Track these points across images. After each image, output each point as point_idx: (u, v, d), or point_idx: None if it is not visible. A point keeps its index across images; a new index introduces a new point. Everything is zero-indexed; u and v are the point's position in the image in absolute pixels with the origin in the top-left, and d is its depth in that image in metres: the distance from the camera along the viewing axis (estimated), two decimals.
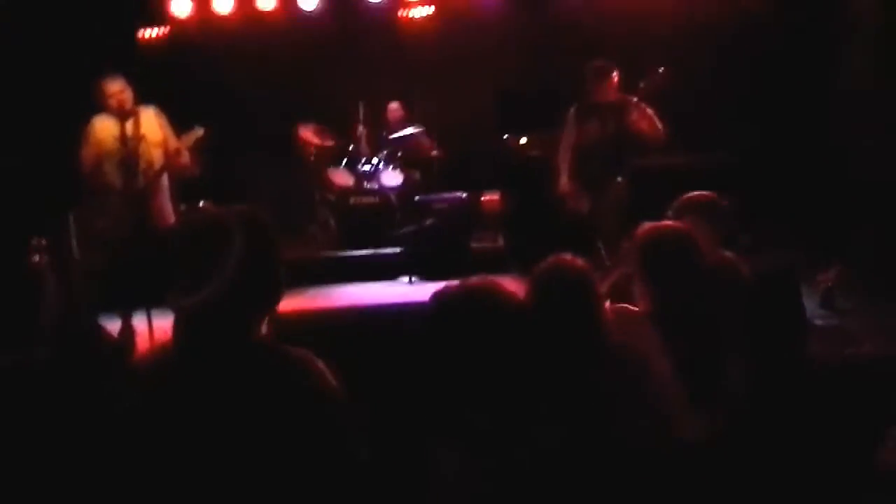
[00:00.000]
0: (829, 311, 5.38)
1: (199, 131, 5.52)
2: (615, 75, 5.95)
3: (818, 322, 5.03)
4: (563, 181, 6.16)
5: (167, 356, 1.94)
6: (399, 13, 8.82)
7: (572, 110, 6.15)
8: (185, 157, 5.52)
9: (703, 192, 3.34)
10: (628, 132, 5.83)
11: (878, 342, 4.54)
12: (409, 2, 8.62)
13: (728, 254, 3.12)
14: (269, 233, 1.92)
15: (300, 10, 8.41)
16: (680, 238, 2.85)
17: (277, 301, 1.96)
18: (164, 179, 5.63)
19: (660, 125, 5.82)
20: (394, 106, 8.64)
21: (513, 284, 2.37)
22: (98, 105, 5.43)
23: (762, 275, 3.09)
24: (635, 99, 5.77)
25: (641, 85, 5.78)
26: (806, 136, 7.34)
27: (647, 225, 2.92)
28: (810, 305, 4.82)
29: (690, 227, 2.94)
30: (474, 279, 2.21)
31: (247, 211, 1.92)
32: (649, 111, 5.81)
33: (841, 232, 6.41)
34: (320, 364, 1.90)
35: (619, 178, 5.94)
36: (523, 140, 7.96)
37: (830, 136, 7.26)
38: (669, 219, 3.18)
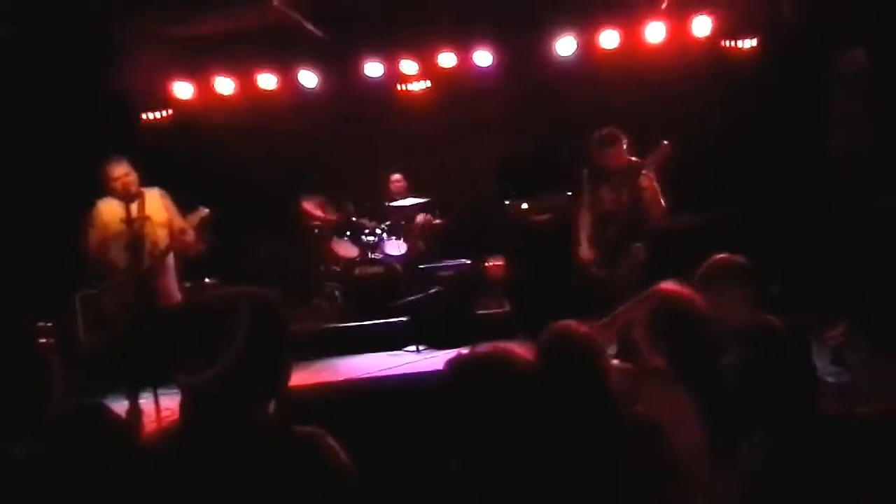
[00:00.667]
0: (839, 367, 5.34)
1: (203, 211, 5.59)
2: (624, 142, 5.91)
3: (829, 379, 4.98)
4: (584, 248, 6.11)
5: (173, 437, 1.93)
6: (397, 87, 8.98)
7: (585, 173, 6.12)
8: (190, 236, 5.57)
9: (728, 256, 3.27)
10: (642, 197, 5.79)
11: (888, 398, 4.49)
12: (407, 76, 8.79)
13: (769, 316, 3.04)
14: (278, 314, 1.94)
15: (301, 88, 8.57)
16: (694, 306, 2.84)
17: (285, 382, 1.96)
18: (170, 259, 5.67)
19: (661, 202, 5.79)
20: (396, 177, 8.74)
21: (520, 350, 2.34)
22: (103, 188, 5.50)
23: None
24: (644, 172, 5.72)
25: (649, 158, 5.74)
26: (805, 195, 7.40)
27: (656, 291, 2.91)
28: (819, 363, 4.78)
29: (703, 294, 2.91)
30: (485, 345, 2.20)
31: (257, 292, 1.94)
32: (655, 185, 5.76)
33: (846, 289, 6.40)
34: (330, 441, 1.89)
35: (637, 244, 5.91)
36: (524, 205, 8.02)
37: (827, 194, 7.32)
38: (696, 285, 3.14)
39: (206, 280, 7.78)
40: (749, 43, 8.11)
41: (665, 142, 5.71)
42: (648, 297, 2.90)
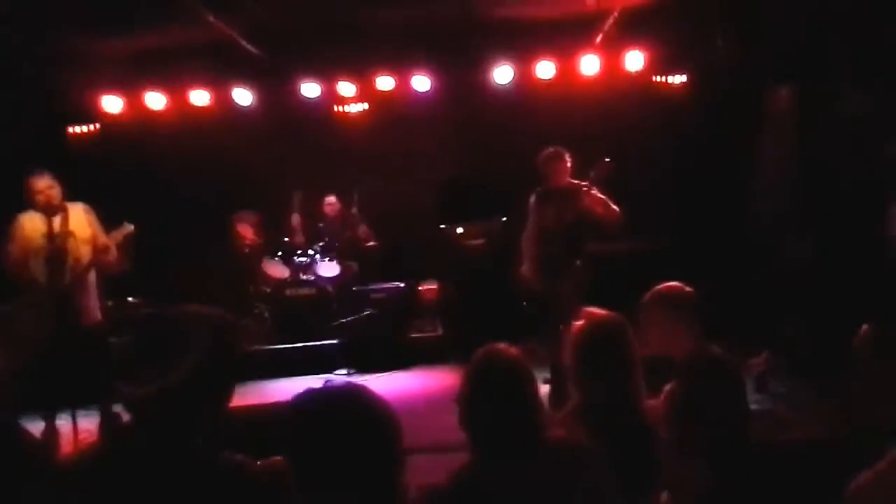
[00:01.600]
0: (763, 395, 5.49)
1: (128, 227, 5.45)
2: (567, 159, 6.10)
3: (754, 406, 5.08)
4: (525, 267, 6.22)
5: (91, 458, 1.86)
6: (335, 108, 8.95)
7: (533, 197, 6.26)
8: (113, 254, 5.42)
9: (674, 285, 3.22)
10: (585, 217, 5.95)
11: (809, 426, 4.62)
12: (344, 98, 8.77)
13: (716, 348, 3.04)
14: (234, 340, 1.91)
15: (235, 106, 8.47)
16: (614, 330, 2.85)
17: (224, 408, 1.92)
18: (91, 276, 5.49)
19: (615, 207, 5.96)
20: (330, 199, 8.68)
21: (452, 374, 2.33)
22: (26, 201, 5.32)
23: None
24: (585, 185, 5.91)
25: (592, 174, 5.92)
26: (730, 225, 7.62)
27: (583, 315, 2.93)
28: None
29: (626, 320, 2.93)
30: (339, 382, 2.07)
31: (218, 314, 1.90)
32: (601, 196, 5.94)
33: (766, 319, 6.59)
34: (258, 470, 1.85)
35: (578, 262, 6.04)
36: (460, 230, 8.06)
37: (753, 228, 7.56)
38: (641, 312, 3.16)
39: (130, 299, 7.58)
40: (679, 79, 8.36)
41: (607, 159, 5.86)
42: (577, 327, 2.92)
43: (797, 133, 7.14)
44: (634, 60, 8.12)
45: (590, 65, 8.16)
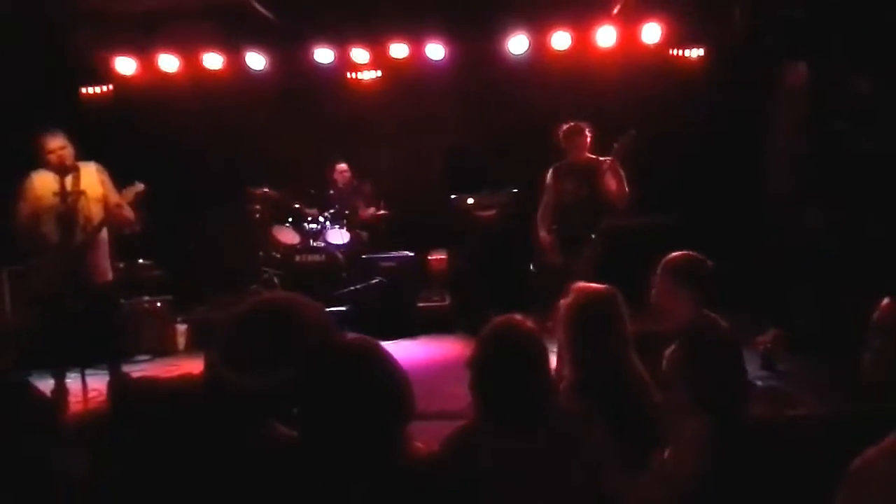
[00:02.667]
0: (768, 372, 5.48)
1: (139, 187, 5.44)
2: (588, 134, 6.09)
3: (759, 383, 5.11)
4: (542, 234, 6.25)
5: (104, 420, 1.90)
6: (347, 75, 8.91)
7: (551, 171, 6.27)
8: (127, 211, 5.42)
9: (684, 254, 3.26)
10: (601, 192, 5.96)
11: (814, 403, 4.62)
12: (358, 65, 8.72)
13: (712, 315, 3.11)
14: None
15: (248, 70, 8.43)
16: (602, 302, 2.88)
17: None
18: (103, 236, 5.51)
19: (626, 188, 5.96)
20: (341, 166, 8.66)
21: (459, 343, 2.34)
22: (38, 160, 5.33)
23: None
24: (609, 159, 5.91)
25: (616, 145, 5.92)
26: (743, 203, 7.58)
27: (573, 288, 2.95)
28: (750, 367, 4.90)
29: (616, 291, 2.97)
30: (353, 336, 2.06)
31: (322, 315, 1.97)
32: (621, 172, 5.95)
33: (776, 295, 6.57)
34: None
35: (593, 237, 6.05)
36: (470, 200, 8.04)
37: (767, 202, 7.51)
38: (653, 279, 3.23)
39: (140, 261, 7.62)
40: (696, 52, 8.27)
41: (632, 130, 5.85)
42: (567, 300, 2.94)
43: (811, 108, 7.07)
44: (651, 33, 8.03)
45: (606, 36, 8.07)
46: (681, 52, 8.28)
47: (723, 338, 3.04)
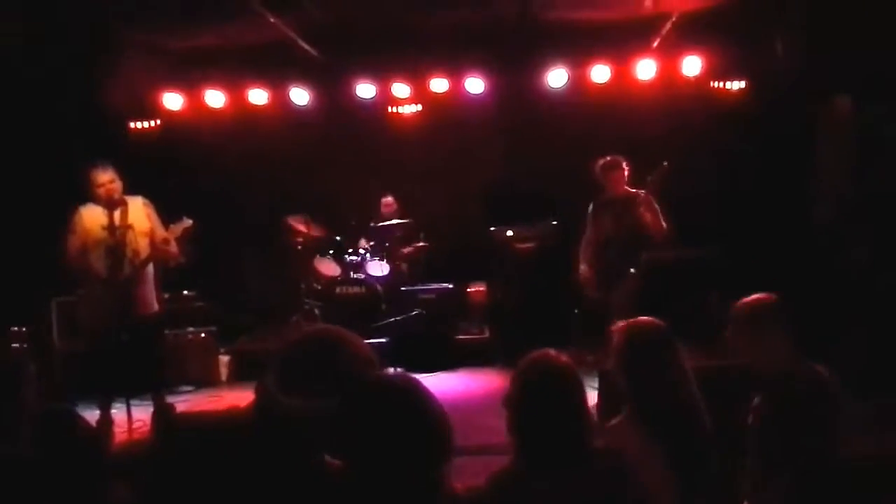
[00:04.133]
0: None
1: (187, 222, 5.54)
2: (625, 168, 6.09)
3: None
4: (583, 269, 6.29)
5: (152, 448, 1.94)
6: (388, 110, 9.02)
7: (591, 207, 6.29)
8: (173, 246, 5.52)
9: (766, 296, 3.08)
10: (640, 226, 5.96)
11: (861, 443, 4.49)
12: (398, 99, 8.83)
13: (814, 364, 2.95)
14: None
15: (292, 105, 8.58)
16: (658, 333, 2.84)
17: None
18: (149, 269, 5.61)
19: (663, 222, 5.95)
20: (387, 199, 8.73)
21: (498, 376, 2.33)
22: (87, 194, 5.46)
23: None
24: (643, 192, 5.90)
25: (649, 179, 5.92)
26: (787, 236, 7.47)
27: (623, 324, 2.91)
28: None
29: (669, 325, 2.91)
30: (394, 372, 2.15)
31: (365, 348, 2.00)
32: (655, 206, 5.94)
33: (822, 332, 6.43)
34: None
35: (633, 270, 6.03)
36: (509, 232, 8.05)
37: (811, 237, 7.39)
38: (733, 326, 3.04)
39: (185, 292, 7.74)
40: (738, 85, 8.22)
41: (665, 163, 5.84)
42: (619, 332, 2.90)
43: (855, 143, 6.98)
44: (692, 65, 8.01)
45: (646, 69, 8.07)
46: (722, 85, 8.24)
47: (821, 391, 2.87)
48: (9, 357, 5.73)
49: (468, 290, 8.28)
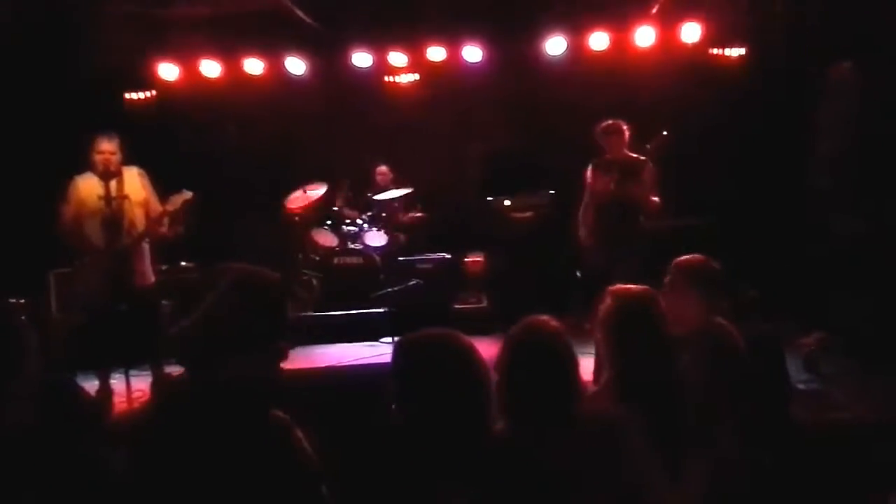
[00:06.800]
0: (812, 375, 5.39)
1: (187, 194, 5.52)
2: (625, 132, 6.07)
3: (801, 386, 5.03)
4: (583, 234, 6.24)
5: (145, 415, 1.97)
6: (385, 79, 8.95)
7: (590, 167, 6.24)
8: (164, 225, 5.52)
9: (695, 257, 3.27)
10: (641, 193, 5.94)
11: (860, 408, 4.53)
12: (396, 68, 8.76)
13: (721, 320, 3.09)
14: (261, 287, 2.04)
15: (288, 75, 8.52)
16: (641, 303, 2.85)
17: (273, 361, 1.98)
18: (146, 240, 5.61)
19: (656, 197, 5.93)
20: (382, 169, 8.70)
21: (496, 345, 2.33)
22: (84, 160, 5.43)
23: (746, 340, 3.09)
24: (643, 158, 5.89)
25: (648, 146, 5.89)
26: (786, 203, 7.46)
27: (611, 290, 2.92)
28: (793, 370, 4.82)
29: (657, 293, 2.93)
30: (435, 329, 2.20)
31: (248, 269, 2.09)
32: (655, 178, 5.92)
33: (821, 297, 6.46)
34: (296, 432, 1.91)
35: (633, 236, 6.02)
36: (507, 202, 8.03)
37: (809, 204, 7.38)
38: (666, 283, 3.21)
39: (183, 263, 7.73)
40: (737, 51, 8.16)
41: (664, 132, 5.81)
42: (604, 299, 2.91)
43: (856, 108, 6.94)
44: (691, 32, 7.94)
45: (645, 36, 8.01)
46: (721, 52, 8.18)
47: (735, 344, 3.00)
48: (12, 328, 5.75)
49: (466, 259, 8.28)
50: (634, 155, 6.11)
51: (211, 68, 8.51)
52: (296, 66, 8.46)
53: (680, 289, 3.14)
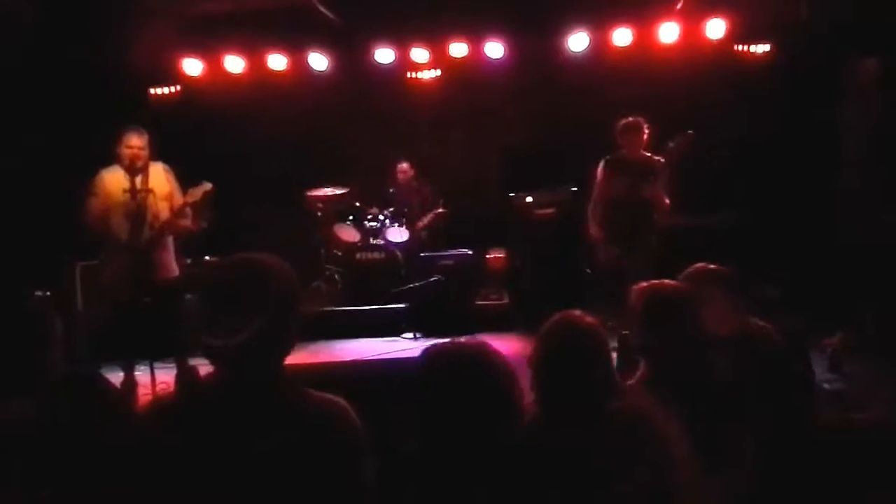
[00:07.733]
0: (836, 374, 5.35)
1: (206, 186, 5.55)
2: (645, 130, 6.01)
3: (825, 386, 4.99)
4: (594, 229, 6.20)
5: (200, 395, 1.99)
6: (407, 75, 8.96)
7: (602, 164, 6.19)
8: (186, 219, 5.56)
9: (700, 265, 3.25)
10: (653, 195, 5.89)
11: (885, 407, 4.48)
12: (418, 64, 8.77)
13: (759, 322, 3.07)
14: (294, 278, 2.04)
15: (311, 70, 8.56)
16: (680, 298, 2.83)
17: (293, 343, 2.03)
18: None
19: (666, 199, 5.89)
20: (403, 166, 8.71)
21: (517, 342, 2.34)
22: (111, 152, 5.48)
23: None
24: (661, 159, 5.84)
25: (670, 145, 5.83)
26: (810, 202, 7.39)
27: (645, 285, 2.90)
28: (817, 369, 4.79)
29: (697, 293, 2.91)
30: (466, 339, 2.17)
31: (273, 259, 2.05)
32: (666, 179, 5.87)
33: (846, 297, 6.40)
34: (350, 411, 1.97)
35: (649, 235, 5.98)
36: (529, 198, 8.02)
37: (835, 202, 7.31)
38: None
39: (207, 258, 7.79)
40: (762, 48, 8.09)
41: (689, 131, 5.76)
42: (639, 293, 2.90)
43: (882, 105, 6.86)
44: (716, 28, 7.88)
45: (669, 32, 7.95)
46: (746, 48, 8.11)
47: (775, 344, 2.97)
48: (37, 318, 5.83)
49: (487, 256, 8.28)
50: (649, 154, 6.05)
51: (235, 64, 8.56)
52: (318, 61, 8.48)
53: (706, 295, 3.09)
